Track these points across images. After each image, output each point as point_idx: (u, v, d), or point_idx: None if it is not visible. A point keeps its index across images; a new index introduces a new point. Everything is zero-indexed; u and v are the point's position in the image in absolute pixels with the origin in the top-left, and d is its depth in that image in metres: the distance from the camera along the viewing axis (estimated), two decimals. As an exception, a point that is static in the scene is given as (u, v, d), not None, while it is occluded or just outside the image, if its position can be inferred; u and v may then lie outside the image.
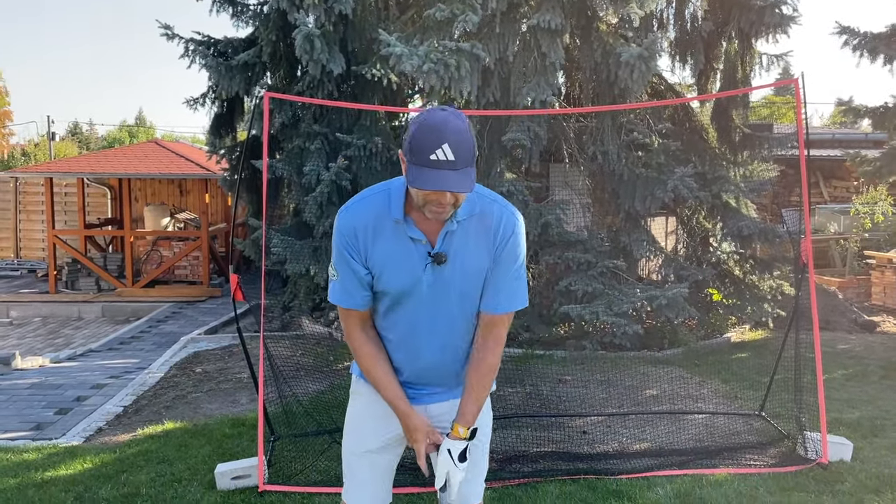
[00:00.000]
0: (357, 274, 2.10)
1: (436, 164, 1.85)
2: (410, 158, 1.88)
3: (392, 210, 2.04)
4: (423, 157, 1.85)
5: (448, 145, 1.85)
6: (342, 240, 2.08)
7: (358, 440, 2.33)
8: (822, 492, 3.99)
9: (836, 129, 18.20)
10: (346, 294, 2.14)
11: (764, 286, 8.38)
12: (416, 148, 1.86)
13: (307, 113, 8.44)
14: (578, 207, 8.30)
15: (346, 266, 2.10)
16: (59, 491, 4.08)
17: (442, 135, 1.86)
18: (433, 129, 1.86)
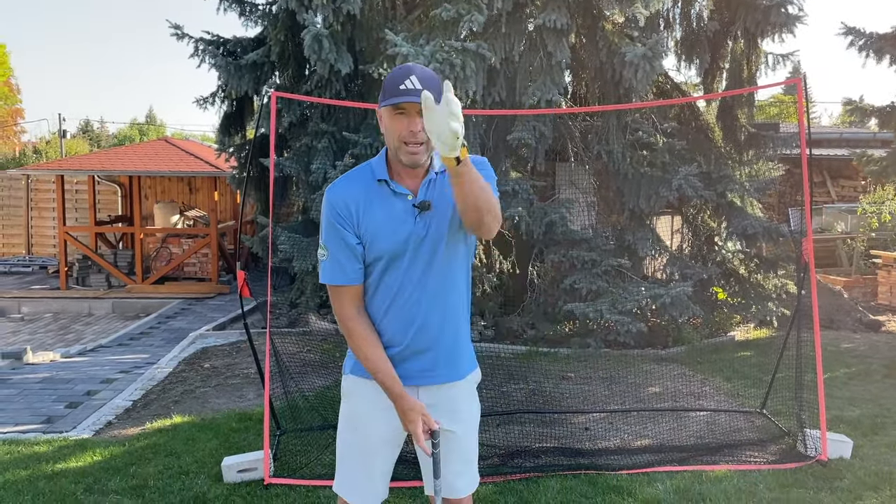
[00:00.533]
0: (349, 245, 2.18)
1: (405, 93, 2.04)
2: (383, 97, 2.08)
3: (376, 172, 2.18)
4: (394, 89, 2.05)
5: (415, 76, 2.05)
6: (333, 212, 2.17)
7: (356, 436, 2.35)
8: (821, 488, 4.03)
9: (845, 128, 18.14)
10: (339, 269, 2.20)
11: (769, 285, 8.40)
12: (388, 85, 2.06)
13: (315, 112, 8.51)
14: (583, 206, 8.34)
15: (339, 239, 2.18)
16: (70, 482, 4.16)
17: (409, 70, 2.07)
18: (402, 68, 2.09)
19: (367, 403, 2.32)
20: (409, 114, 2.07)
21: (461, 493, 2.38)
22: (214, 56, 8.82)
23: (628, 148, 7.94)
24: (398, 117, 2.08)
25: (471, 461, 2.42)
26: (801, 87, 4.56)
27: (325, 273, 2.23)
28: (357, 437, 2.35)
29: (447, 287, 2.25)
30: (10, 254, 16.92)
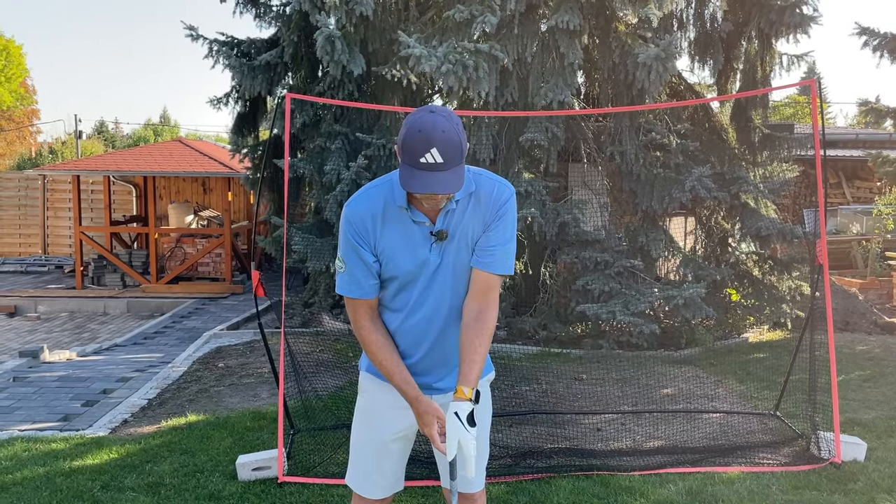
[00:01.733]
0: (366, 262, 2.18)
1: (425, 167, 1.96)
2: (402, 158, 2.01)
3: (396, 198, 2.14)
4: (414, 160, 1.96)
5: (436, 149, 1.95)
6: (351, 229, 2.16)
7: (371, 431, 2.39)
8: (835, 490, 4.02)
9: (860, 129, 18.01)
10: (355, 284, 2.22)
11: (783, 287, 8.35)
12: (407, 150, 1.97)
13: (328, 113, 8.55)
14: (596, 207, 8.33)
15: (355, 255, 2.18)
16: (86, 479, 4.21)
17: (430, 139, 1.94)
18: (422, 133, 1.95)
19: (383, 400, 2.36)
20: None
21: (477, 486, 2.44)
22: (228, 57, 8.88)
23: (641, 149, 7.93)
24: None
25: (484, 457, 2.48)
26: (815, 89, 4.54)
27: (341, 285, 2.25)
28: (372, 431, 2.39)
29: (459, 305, 2.27)
30: (26, 253, 17.10)
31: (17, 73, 34.43)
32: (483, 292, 2.23)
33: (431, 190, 1.98)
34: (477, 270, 2.23)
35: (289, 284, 8.17)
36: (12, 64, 33.52)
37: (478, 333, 2.18)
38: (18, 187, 17.10)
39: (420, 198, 2.09)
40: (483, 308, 2.21)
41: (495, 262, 2.22)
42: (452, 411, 2.08)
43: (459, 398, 2.09)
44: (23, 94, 35.98)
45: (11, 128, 34.61)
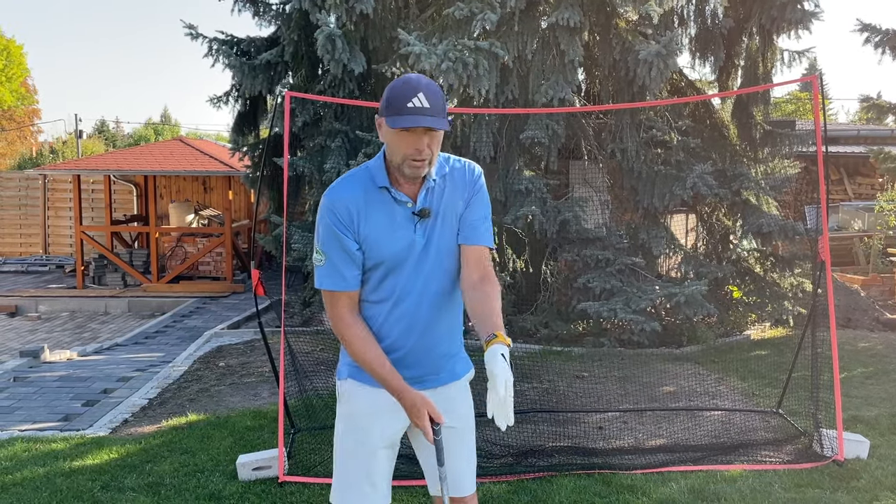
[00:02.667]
0: (348, 251, 2.15)
1: (412, 111, 2.01)
2: (388, 112, 2.04)
3: (377, 179, 2.15)
4: (401, 106, 2.02)
5: (423, 94, 2.02)
6: (334, 218, 2.13)
7: (359, 437, 2.30)
8: (837, 488, 4.00)
9: (862, 125, 17.97)
10: (337, 276, 2.17)
11: (784, 284, 8.33)
12: (393, 99, 2.03)
13: (328, 111, 8.54)
14: (597, 204, 8.31)
15: (337, 245, 2.14)
16: (87, 480, 4.20)
17: (416, 86, 2.03)
18: (407, 82, 2.05)
19: (368, 405, 2.29)
20: (416, 133, 2.05)
21: (469, 489, 2.38)
22: (228, 56, 8.87)
23: (642, 146, 7.91)
24: (403, 135, 2.06)
25: (473, 458, 2.41)
26: (817, 85, 4.52)
27: (321, 279, 2.20)
28: (360, 438, 2.29)
29: (447, 292, 2.26)
30: (27, 253, 17.10)
31: (18, 73, 34.45)
32: (478, 263, 2.22)
33: (422, 123, 2.00)
34: (466, 246, 2.23)
35: (289, 283, 8.17)
36: (13, 64, 33.54)
37: (489, 289, 2.16)
38: (19, 187, 17.10)
39: (404, 157, 2.07)
40: (484, 274, 2.20)
41: (483, 236, 2.25)
42: (499, 353, 2.01)
43: (500, 342, 2.04)
44: (23, 93, 36.01)
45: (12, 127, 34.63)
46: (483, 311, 2.13)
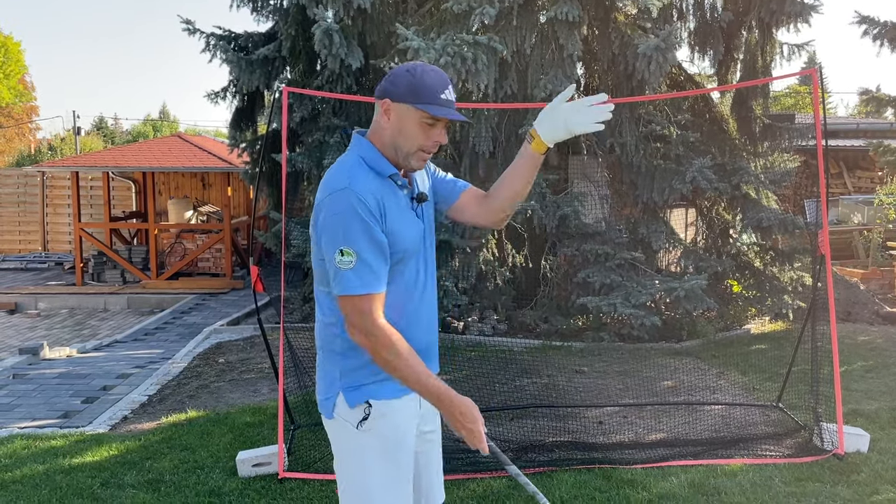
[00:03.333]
0: (381, 247, 1.95)
1: (446, 103, 2.00)
2: (417, 99, 1.97)
3: (380, 168, 2.02)
4: (436, 96, 1.97)
5: (450, 87, 2.02)
6: (365, 210, 1.91)
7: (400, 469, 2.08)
8: (838, 482, 4.00)
9: (861, 118, 17.95)
10: (372, 276, 1.93)
11: (784, 277, 8.33)
12: (425, 87, 1.97)
13: (326, 107, 8.52)
14: (596, 199, 8.30)
15: (370, 241, 1.92)
16: (86, 477, 4.20)
17: (445, 78, 2.02)
18: (436, 72, 2.01)
19: (406, 423, 2.09)
20: (439, 125, 2.01)
21: (442, 498, 2.29)
22: (226, 51, 8.85)
23: (641, 140, 7.90)
24: (426, 126, 1.99)
25: (441, 470, 2.32)
26: (817, 78, 4.50)
27: (353, 283, 1.90)
28: (401, 469, 2.07)
29: (434, 276, 2.20)
30: (26, 250, 17.09)
31: (16, 70, 34.39)
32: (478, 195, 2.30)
33: (461, 117, 2.02)
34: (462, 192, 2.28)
35: (288, 279, 8.16)
36: (11, 61, 33.48)
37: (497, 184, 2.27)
38: (18, 184, 17.08)
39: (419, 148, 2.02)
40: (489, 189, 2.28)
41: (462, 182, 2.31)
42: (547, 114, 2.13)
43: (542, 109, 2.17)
44: (21, 90, 35.95)
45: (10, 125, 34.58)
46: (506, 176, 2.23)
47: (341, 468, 2.11)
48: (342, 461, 2.10)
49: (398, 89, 1.98)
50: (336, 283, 1.93)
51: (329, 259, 1.93)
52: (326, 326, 2.09)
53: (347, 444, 2.06)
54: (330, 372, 2.09)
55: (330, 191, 1.94)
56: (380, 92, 2.03)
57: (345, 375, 2.05)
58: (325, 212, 1.93)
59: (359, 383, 2.04)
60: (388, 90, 2.00)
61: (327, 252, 1.93)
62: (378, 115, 2.04)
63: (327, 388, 2.09)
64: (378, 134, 2.04)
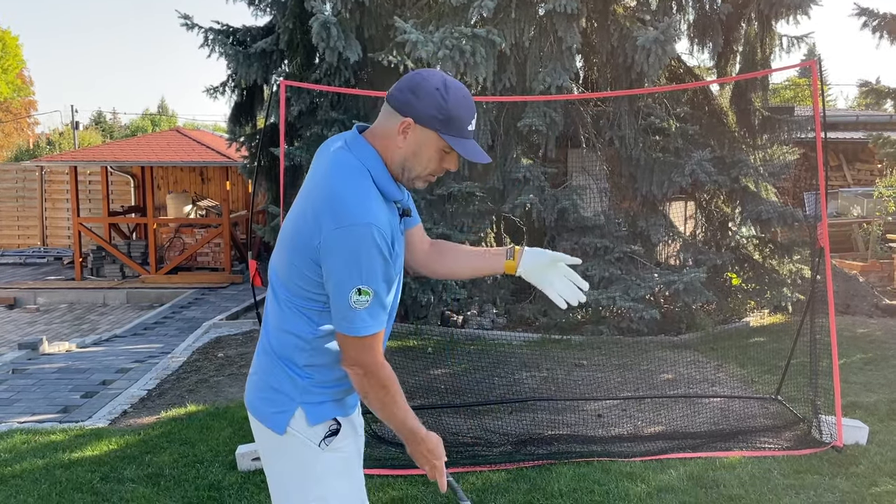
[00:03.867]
0: (391, 282, 1.85)
1: (471, 134, 1.87)
2: (447, 128, 1.81)
3: (388, 192, 1.86)
4: (464, 129, 1.85)
5: (476, 115, 1.88)
6: (385, 244, 1.77)
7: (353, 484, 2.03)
8: (836, 474, 4.01)
9: (861, 110, 17.92)
10: (383, 313, 1.84)
11: (783, 270, 8.33)
12: (459, 119, 1.82)
13: (325, 100, 8.49)
14: (595, 192, 8.30)
15: (384, 277, 1.81)
16: (86, 471, 4.20)
17: (473, 104, 1.87)
18: (467, 99, 1.85)
19: (357, 441, 2.07)
20: (455, 153, 1.88)
21: None
22: (224, 45, 8.82)
23: (641, 133, 7.88)
24: (443, 153, 1.86)
25: None
26: (816, 70, 4.49)
27: (368, 323, 1.80)
28: (355, 485, 2.02)
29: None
30: (25, 245, 17.07)
31: (14, 65, 34.29)
32: (424, 237, 2.15)
33: (487, 158, 1.87)
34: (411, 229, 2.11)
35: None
36: (9, 55, 33.38)
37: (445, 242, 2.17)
38: (16, 178, 17.04)
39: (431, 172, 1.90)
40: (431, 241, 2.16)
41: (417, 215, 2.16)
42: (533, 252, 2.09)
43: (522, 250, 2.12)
44: (20, 85, 35.86)
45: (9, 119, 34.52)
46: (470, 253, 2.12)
47: (296, 488, 1.96)
48: (298, 480, 1.95)
49: (426, 111, 1.80)
50: (344, 322, 1.79)
51: (339, 293, 1.77)
52: (287, 335, 1.92)
53: (306, 463, 1.94)
54: (285, 384, 1.93)
55: (352, 222, 1.74)
56: (402, 105, 1.82)
57: (307, 392, 1.92)
58: (342, 243, 1.74)
59: (321, 400, 1.94)
60: (413, 108, 1.81)
61: (339, 286, 1.77)
62: (392, 128, 1.84)
63: (281, 402, 1.93)
64: (387, 147, 1.86)
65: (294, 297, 1.89)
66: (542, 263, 2.07)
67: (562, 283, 2.07)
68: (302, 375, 1.92)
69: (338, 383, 1.94)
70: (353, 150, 1.87)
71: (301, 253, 1.82)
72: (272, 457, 2.01)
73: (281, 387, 1.93)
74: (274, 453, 2.00)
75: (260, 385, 1.99)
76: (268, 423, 1.95)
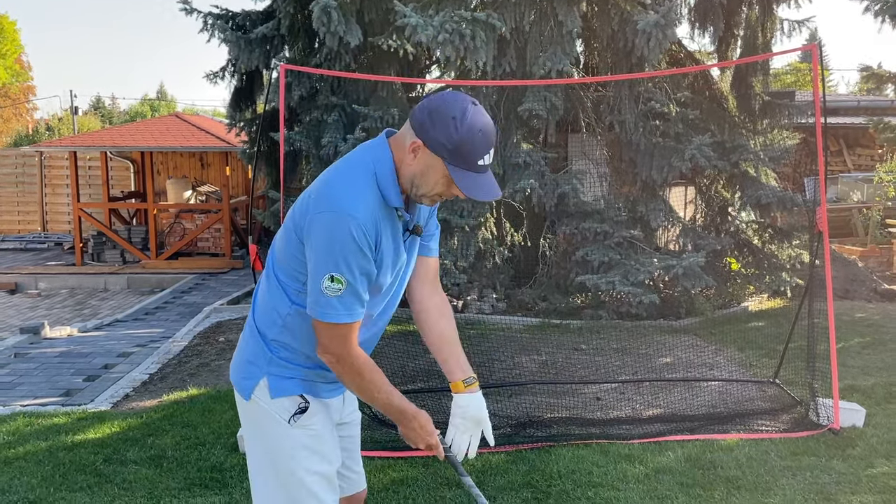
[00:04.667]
0: (370, 277, 1.88)
1: (482, 169, 1.84)
2: (456, 161, 1.81)
3: (389, 198, 1.88)
4: (473, 163, 1.82)
5: (492, 150, 1.86)
6: (361, 236, 1.80)
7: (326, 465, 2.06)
8: (833, 456, 4.04)
9: (862, 95, 17.87)
10: (358, 305, 1.88)
11: (783, 255, 8.35)
12: (468, 152, 1.81)
13: (325, 85, 8.47)
14: (595, 177, 8.30)
15: (361, 269, 1.84)
16: (89, 453, 4.24)
17: (491, 140, 1.84)
18: (483, 134, 1.82)
19: (330, 422, 2.09)
20: None
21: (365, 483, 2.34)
22: (224, 30, 8.77)
23: (641, 118, 7.87)
24: (450, 180, 1.85)
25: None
26: (816, 54, 4.49)
27: (338, 312, 1.84)
28: (327, 466, 2.06)
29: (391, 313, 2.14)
30: (25, 230, 17.09)
31: (12, 50, 34.15)
32: (436, 280, 2.17)
33: (494, 195, 1.85)
34: (425, 258, 2.13)
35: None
36: (6, 40, 33.23)
37: (448, 311, 2.18)
38: (16, 164, 17.03)
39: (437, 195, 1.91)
40: (444, 298, 2.19)
41: (437, 246, 2.16)
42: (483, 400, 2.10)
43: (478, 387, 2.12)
44: (18, 70, 35.73)
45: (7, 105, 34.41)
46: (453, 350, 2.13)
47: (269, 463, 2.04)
48: (269, 455, 2.04)
49: (436, 137, 1.81)
50: (316, 306, 1.85)
51: (314, 277, 1.84)
52: (267, 309, 2.02)
53: (276, 438, 2.01)
54: (258, 355, 2.02)
55: (333, 209, 1.81)
56: (417, 126, 1.84)
57: (273, 363, 2.00)
58: (321, 228, 1.81)
59: (288, 375, 2.00)
60: (426, 132, 1.82)
61: (314, 270, 1.84)
62: (405, 145, 1.87)
63: (248, 369, 2.03)
64: (401, 160, 1.89)
65: (280, 272, 1.99)
66: (472, 415, 2.07)
67: (463, 437, 2.08)
68: (271, 348, 2.01)
69: (308, 364, 2.01)
70: (371, 149, 1.93)
71: (294, 230, 1.91)
72: (246, 427, 2.12)
73: (254, 357, 2.03)
74: (246, 423, 2.11)
75: (238, 354, 2.12)
76: (237, 389, 2.07)
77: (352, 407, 2.28)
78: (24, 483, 3.86)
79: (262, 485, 2.07)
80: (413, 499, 3.60)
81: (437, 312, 2.15)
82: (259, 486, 2.08)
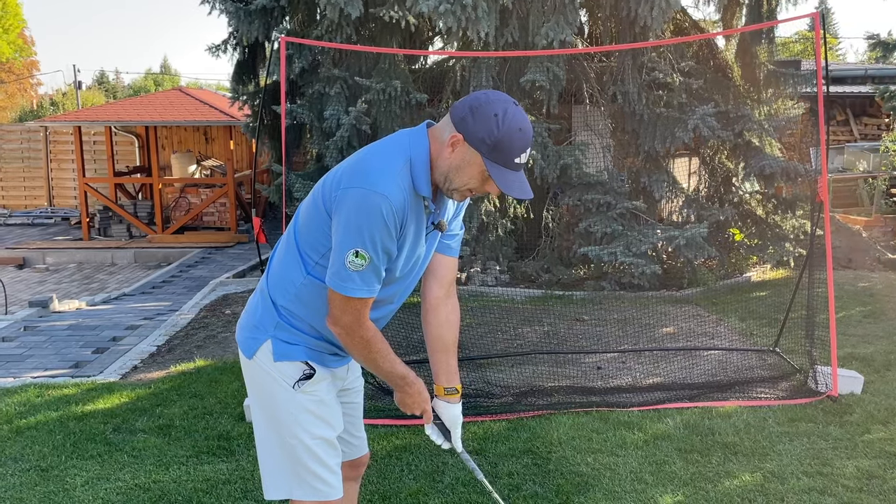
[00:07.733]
0: (391, 256, 1.93)
1: (517, 167, 1.89)
2: (494, 157, 1.85)
3: (420, 187, 1.91)
4: (510, 160, 1.86)
5: (529, 150, 1.89)
6: (391, 216, 1.84)
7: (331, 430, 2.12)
8: (830, 422, 4.10)
9: (870, 64, 17.67)
10: (375, 282, 1.92)
11: (786, 225, 8.34)
12: (507, 149, 1.84)
13: (326, 57, 8.44)
14: (599, 149, 8.28)
15: (386, 248, 1.89)
16: (98, 423, 4.33)
17: (529, 139, 1.87)
18: (523, 132, 1.86)
19: (333, 389, 2.17)
20: None
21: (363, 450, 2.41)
22: (224, 1, 8.73)
23: (644, 88, 7.83)
24: (486, 175, 1.89)
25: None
26: (819, 21, 4.46)
27: (358, 285, 1.89)
28: (329, 431, 2.11)
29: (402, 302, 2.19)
30: (32, 206, 17.16)
31: (15, 24, 34.01)
32: (453, 284, 2.21)
33: (527, 195, 1.89)
34: (445, 257, 2.17)
35: (292, 231, 8.17)
36: (9, 15, 33.08)
37: (455, 318, 2.23)
38: (21, 139, 17.05)
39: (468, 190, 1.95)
40: (455, 305, 2.22)
41: (458, 246, 2.21)
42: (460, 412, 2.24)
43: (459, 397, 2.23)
44: (21, 45, 35.60)
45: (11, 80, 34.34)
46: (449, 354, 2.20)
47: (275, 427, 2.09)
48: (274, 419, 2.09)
49: (477, 133, 1.84)
50: (336, 278, 1.89)
51: (338, 250, 1.88)
52: (281, 275, 2.07)
53: (282, 402, 2.06)
54: (263, 317, 2.09)
55: (366, 185, 1.83)
56: (458, 120, 1.87)
57: (280, 328, 2.06)
58: (352, 203, 1.84)
59: (293, 341, 2.06)
60: (467, 126, 1.85)
61: (340, 243, 1.87)
62: (444, 138, 1.90)
63: (256, 331, 2.09)
64: (439, 152, 1.92)
65: (302, 241, 2.03)
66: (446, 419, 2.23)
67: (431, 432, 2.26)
68: (280, 313, 2.07)
69: (314, 335, 2.07)
70: (410, 135, 1.96)
71: (322, 201, 1.95)
72: (250, 389, 2.17)
73: (261, 319, 2.10)
74: (250, 385, 2.16)
75: (245, 316, 2.18)
76: (241, 347, 2.13)
77: (355, 374, 2.34)
78: (36, 452, 3.95)
79: (267, 447, 2.14)
80: (416, 465, 3.67)
81: (443, 318, 2.20)
82: (264, 449, 2.15)
